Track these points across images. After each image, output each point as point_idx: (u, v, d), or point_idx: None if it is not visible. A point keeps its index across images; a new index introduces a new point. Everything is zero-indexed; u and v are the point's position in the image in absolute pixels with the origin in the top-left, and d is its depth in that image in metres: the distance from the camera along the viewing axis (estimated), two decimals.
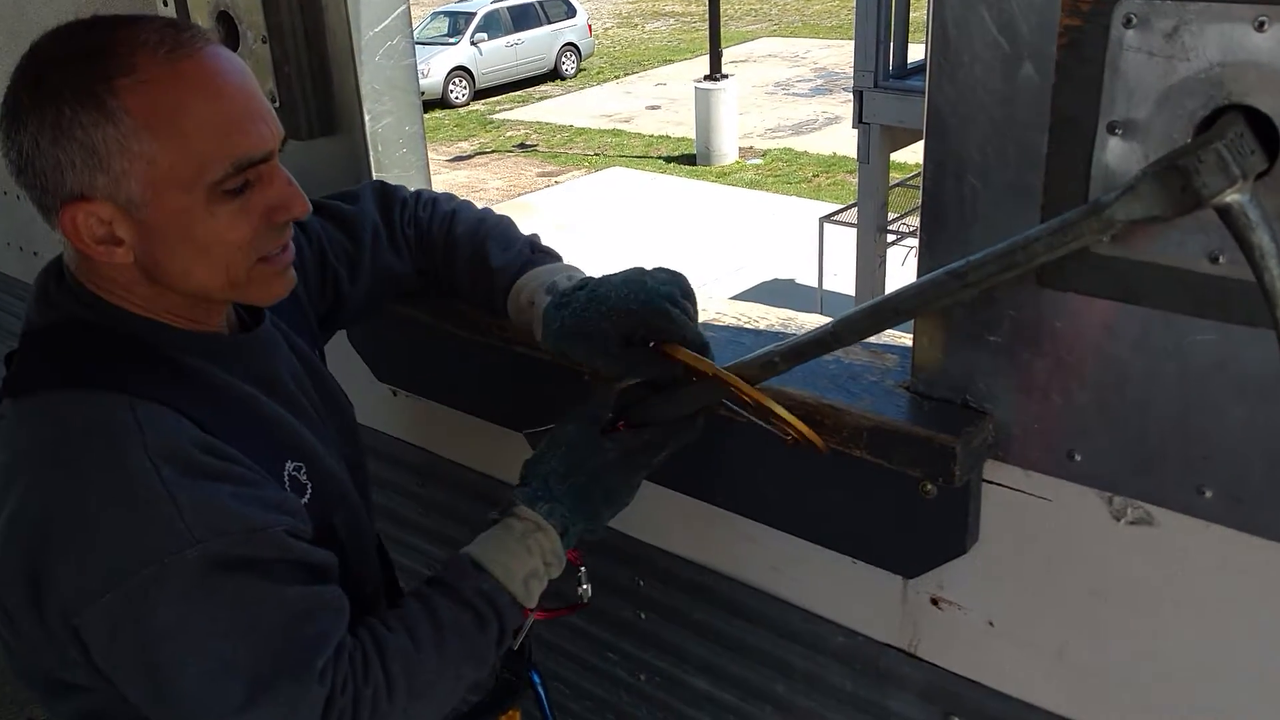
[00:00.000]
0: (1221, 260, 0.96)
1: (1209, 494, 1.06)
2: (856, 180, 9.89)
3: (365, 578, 1.26)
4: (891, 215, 9.49)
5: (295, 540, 1.05)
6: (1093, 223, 0.95)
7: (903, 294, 1.10)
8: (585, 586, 1.32)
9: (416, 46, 1.91)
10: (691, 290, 1.29)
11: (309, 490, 1.15)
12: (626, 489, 1.24)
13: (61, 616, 0.98)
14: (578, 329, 1.27)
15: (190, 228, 1.03)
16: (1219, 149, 0.86)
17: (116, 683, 1.01)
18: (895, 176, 9.83)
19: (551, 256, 1.42)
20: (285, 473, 1.13)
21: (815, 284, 10.19)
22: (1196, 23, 0.91)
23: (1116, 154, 0.99)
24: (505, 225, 1.45)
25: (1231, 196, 0.87)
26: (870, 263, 9.32)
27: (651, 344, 1.23)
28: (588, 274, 1.36)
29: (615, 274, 1.30)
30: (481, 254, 1.40)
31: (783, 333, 1.42)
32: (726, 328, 1.45)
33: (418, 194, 1.50)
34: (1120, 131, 0.98)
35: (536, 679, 1.47)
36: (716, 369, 1.18)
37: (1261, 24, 0.88)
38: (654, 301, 1.22)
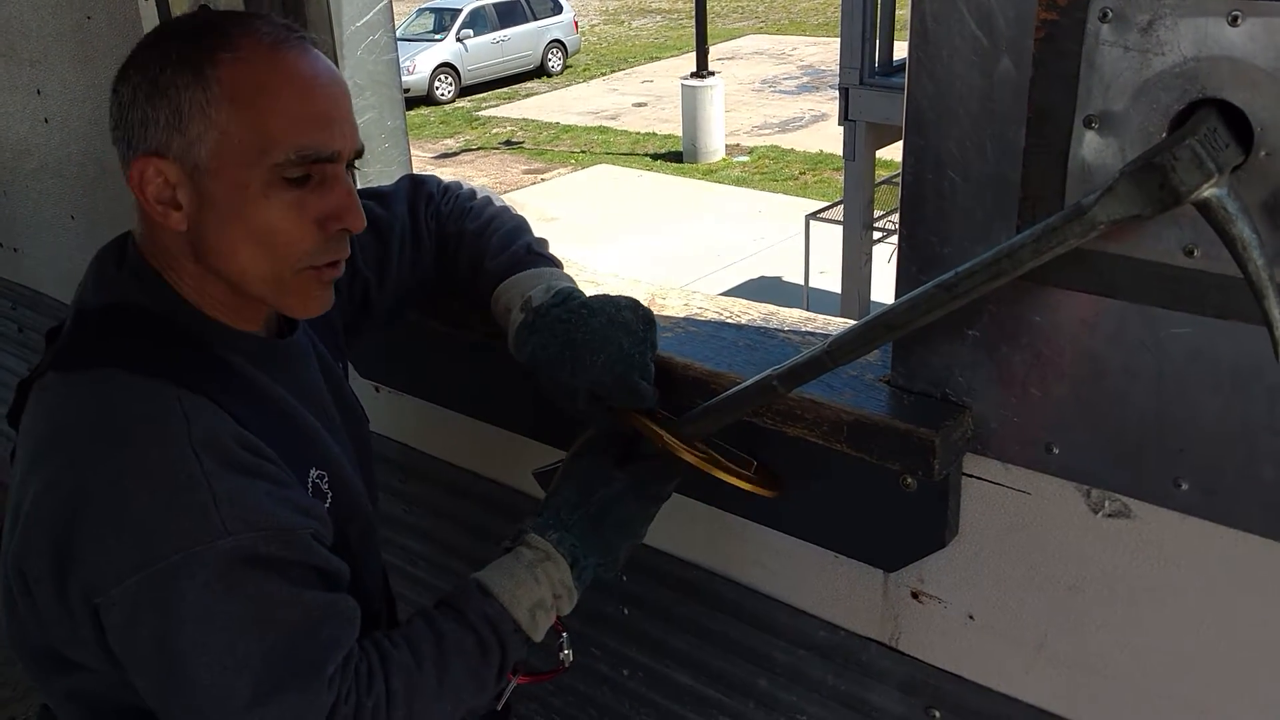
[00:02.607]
0: (1196, 254, 0.97)
1: (1185, 486, 1.07)
2: (843, 177, 9.91)
3: (373, 591, 1.27)
4: (878, 212, 9.51)
5: (319, 546, 1.06)
6: (1076, 226, 0.95)
7: (894, 310, 1.09)
8: (567, 652, 1.30)
9: (402, 43, 1.90)
10: (655, 331, 1.28)
11: (329, 499, 1.16)
12: (640, 520, 1.25)
13: (84, 594, 0.98)
14: (547, 368, 1.27)
15: (244, 206, 1.05)
16: (1193, 145, 0.87)
17: (127, 667, 1.01)
18: (881, 174, 9.85)
19: (547, 260, 1.40)
20: (310, 479, 1.14)
21: (801, 281, 10.21)
22: (1171, 17, 0.92)
23: (1093, 148, 1.00)
24: (512, 226, 1.43)
25: (1209, 191, 0.87)
26: (857, 260, 9.34)
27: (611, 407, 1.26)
28: (567, 285, 1.34)
29: (592, 307, 1.27)
30: (481, 255, 1.40)
31: (764, 327, 1.42)
32: (708, 322, 1.45)
33: (446, 187, 1.49)
34: (1096, 125, 0.99)
35: None
36: (667, 440, 1.22)
37: (1235, 18, 0.88)
38: (627, 376, 1.23)
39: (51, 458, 1.02)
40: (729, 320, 1.45)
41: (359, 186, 1.48)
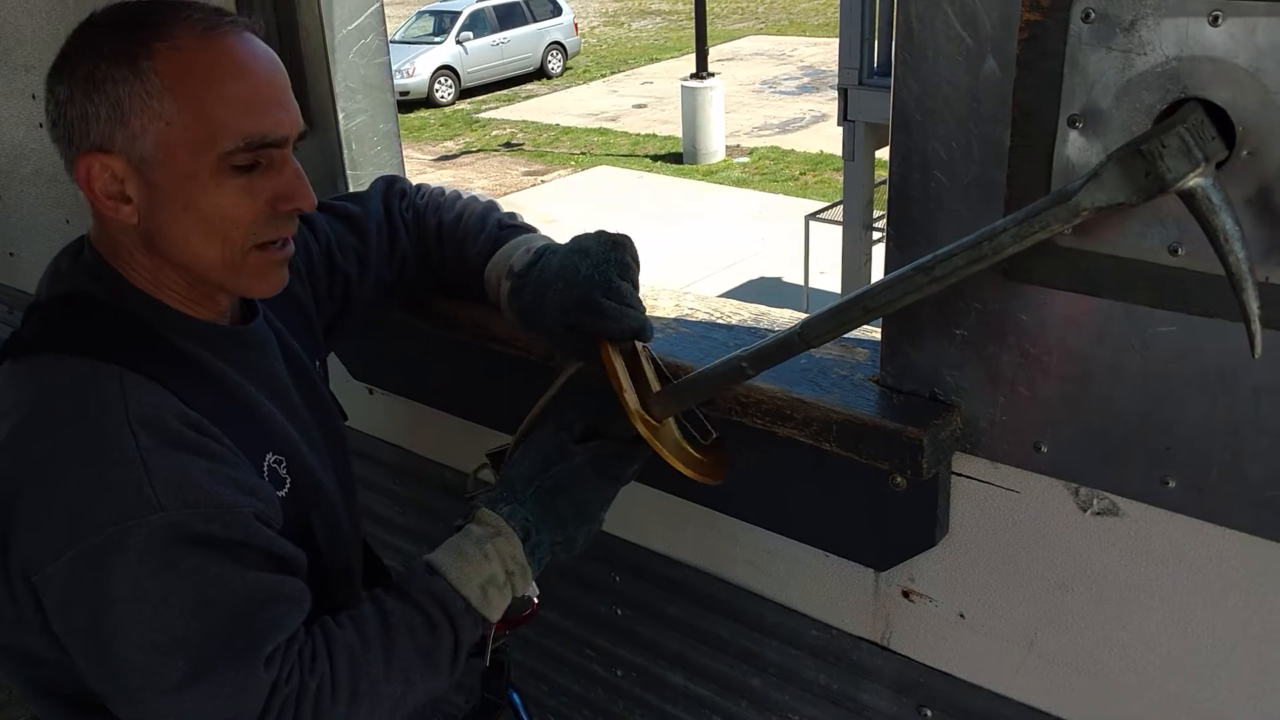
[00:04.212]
0: (1181, 252, 0.97)
1: (1172, 484, 1.07)
2: (843, 178, 9.91)
3: (339, 580, 1.26)
4: (877, 212, 9.49)
5: (262, 526, 1.05)
6: (1059, 211, 0.95)
7: (870, 292, 1.08)
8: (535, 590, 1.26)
9: (402, 45, 1.91)
10: (633, 257, 1.28)
11: (288, 484, 1.15)
12: (597, 501, 1.22)
13: (23, 573, 0.99)
14: (532, 317, 1.29)
15: (194, 195, 1.05)
16: (1181, 132, 0.86)
17: (67, 647, 1.01)
18: (881, 174, 9.84)
19: (521, 230, 1.42)
20: (265, 463, 1.13)
21: (802, 282, 10.21)
22: (1153, 17, 0.92)
23: (1077, 147, 1.00)
24: (482, 210, 1.45)
25: (1194, 181, 0.87)
26: (856, 260, 9.33)
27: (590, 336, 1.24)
28: (544, 243, 1.36)
29: (559, 249, 1.30)
30: (461, 244, 1.42)
31: (755, 328, 1.42)
32: (699, 323, 1.45)
33: (419, 186, 1.51)
34: (1080, 125, 0.99)
35: (516, 699, 1.47)
36: (622, 391, 1.19)
37: (1216, 18, 0.89)
38: (586, 294, 1.23)
39: None
40: (720, 321, 1.45)
41: (349, 190, 1.49)
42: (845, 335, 1.34)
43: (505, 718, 1.47)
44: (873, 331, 1.31)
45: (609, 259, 1.26)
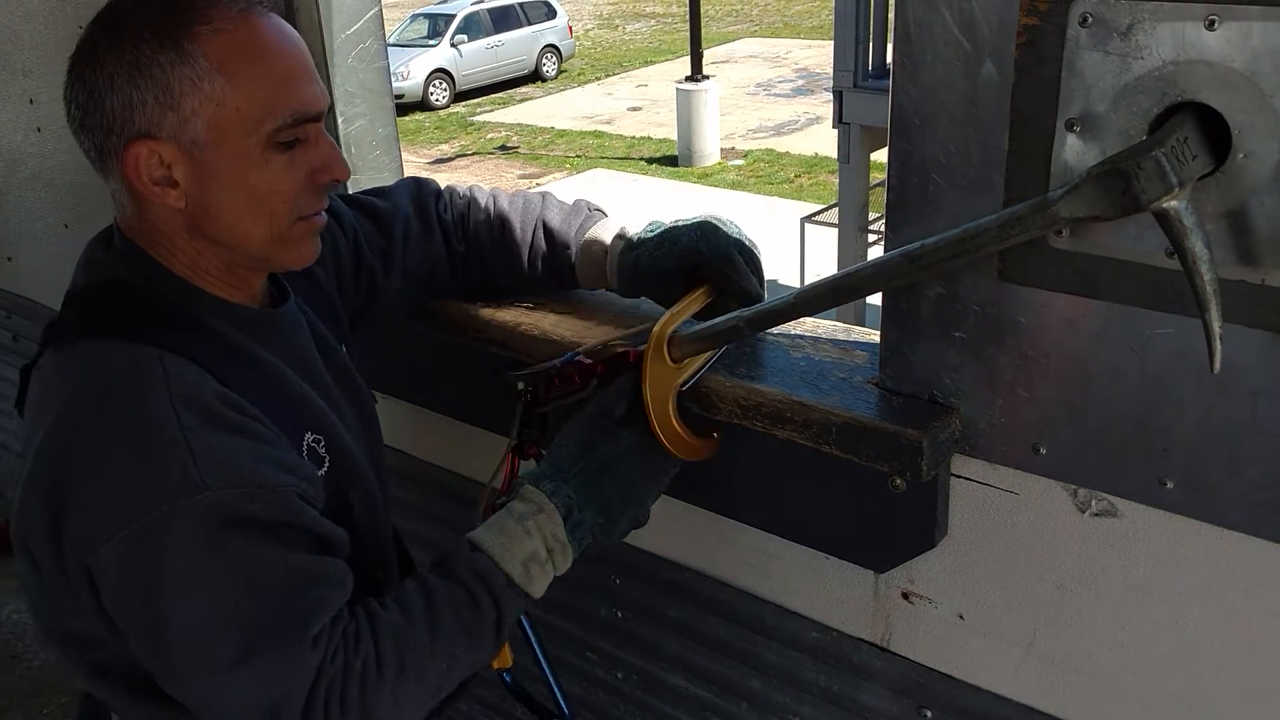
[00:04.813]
0: None
1: (1170, 485, 1.07)
2: (838, 180, 9.93)
3: (377, 562, 1.26)
4: (872, 215, 9.52)
5: (305, 506, 1.06)
6: (1039, 218, 0.97)
7: (859, 271, 1.14)
8: None
9: (396, 49, 1.91)
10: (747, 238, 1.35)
11: (327, 463, 1.17)
12: (644, 484, 1.23)
13: (77, 556, 1.01)
14: (650, 267, 1.35)
15: (245, 173, 1.07)
16: (1158, 157, 0.88)
17: (121, 628, 1.03)
18: (876, 177, 9.87)
19: (605, 214, 1.49)
20: (305, 443, 1.15)
21: (797, 284, 10.22)
22: (1150, 21, 0.93)
23: (1075, 151, 1.01)
24: (549, 197, 1.51)
25: (1169, 203, 0.89)
26: (852, 262, 9.34)
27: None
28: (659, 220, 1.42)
29: (689, 219, 1.37)
30: (537, 219, 1.46)
31: None
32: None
33: (450, 187, 1.54)
34: (1078, 129, 1.00)
35: (525, 622, 1.47)
36: (651, 343, 1.24)
37: (1212, 23, 0.89)
38: (722, 248, 1.31)
39: (41, 429, 1.04)
40: None
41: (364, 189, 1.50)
42: (845, 338, 1.35)
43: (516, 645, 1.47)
44: (872, 334, 1.32)
45: (740, 233, 1.35)
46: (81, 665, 1.13)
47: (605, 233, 1.44)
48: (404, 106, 18.90)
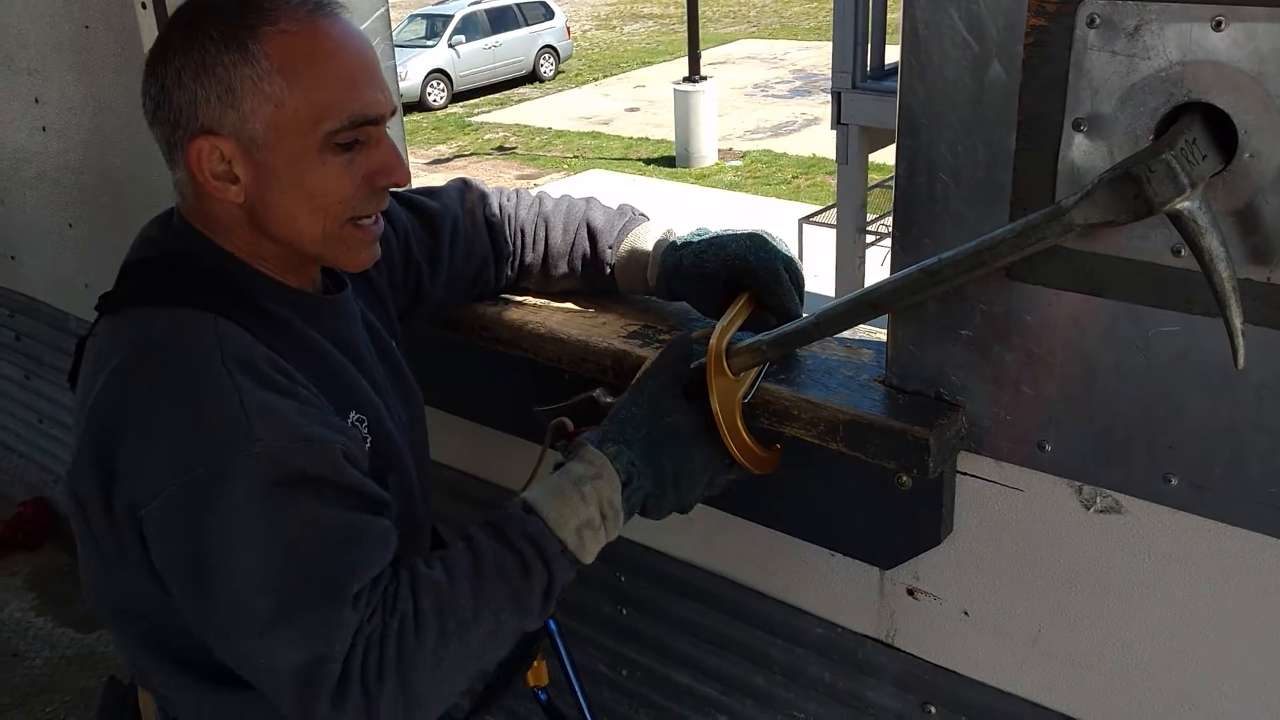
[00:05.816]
0: (1184, 253, 0.99)
1: (1175, 482, 1.08)
2: (835, 181, 9.94)
3: (411, 545, 1.25)
4: (870, 216, 9.53)
5: (349, 465, 1.06)
6: (1054, 226, 0.98)
7: (879, 289, 1.14)
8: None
9: (394, 49, 1.92)
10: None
11: (369, 443, 1.18)
12: (703, 461, 1.19)
13: (129, 508, 1.03)
14: (693, 270, 1.36)
15: (302, 173, 1.09)
16: (1168, 160, 0.89)
17: (166, 581, 1.04)
18: (874, 177, 9.88)
19: (649, 219, 1.50)
20: (349, 420, 1.16)
21: None
22: (1157, 22, 0.94)
23: (1082, 151, 1.02)
24: (594, 200, 1.53)
25: (1182, 204, 0.90)
26: (850, 263, 9.36)
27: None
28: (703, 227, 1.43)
29: (739, 229, 1.37)
30: (581, 219, 1.48)
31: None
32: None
33: (498, 188, 1.55)
34: (1085, 129, 1.01)
35: (552, 626, 1.47)
36: (725, 329, 1.25)
37: (1219, 23, 0.90)
38: (770, 261, 1.31)
39: (93, 388, 1.06)
40: None
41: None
42: (851, 336, 1.36)
43: (543, 645, 1.47)
44: (878, 332, 1.33)
45: (789, 249, 1.36)
46: (132, 636, 1.15)
47: (649, 234, 1.45)
48: (401, 107, 18.87)
